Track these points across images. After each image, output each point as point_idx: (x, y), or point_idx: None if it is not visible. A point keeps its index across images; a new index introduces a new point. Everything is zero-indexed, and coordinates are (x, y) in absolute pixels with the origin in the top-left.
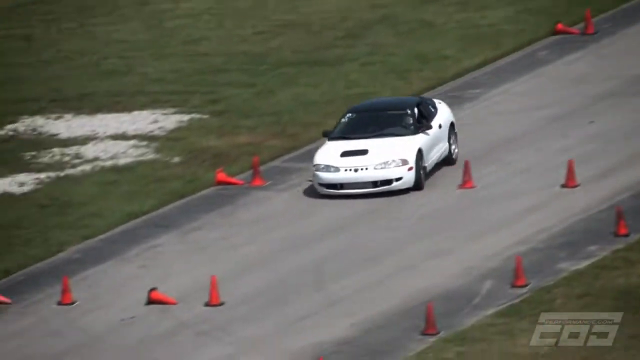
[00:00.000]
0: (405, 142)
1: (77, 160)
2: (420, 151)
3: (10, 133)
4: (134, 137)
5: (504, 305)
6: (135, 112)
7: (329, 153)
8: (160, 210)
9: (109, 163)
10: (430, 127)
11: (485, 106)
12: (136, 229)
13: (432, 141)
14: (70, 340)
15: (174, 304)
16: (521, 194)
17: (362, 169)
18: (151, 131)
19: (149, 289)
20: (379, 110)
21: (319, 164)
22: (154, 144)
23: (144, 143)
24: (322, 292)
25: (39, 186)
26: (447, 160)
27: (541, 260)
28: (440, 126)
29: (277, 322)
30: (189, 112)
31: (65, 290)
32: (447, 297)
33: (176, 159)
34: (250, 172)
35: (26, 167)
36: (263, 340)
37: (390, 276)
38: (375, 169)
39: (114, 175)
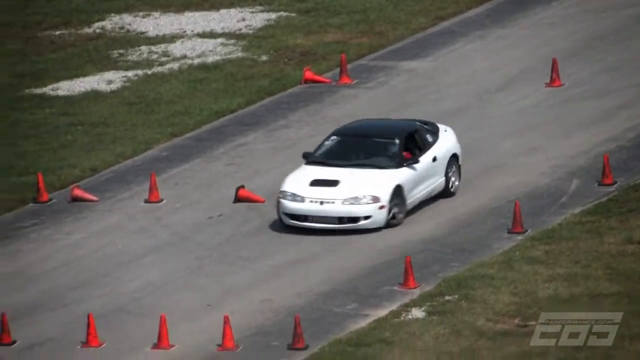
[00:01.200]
0: (383, 176)
1: (165, 58)
2: (399, 188)
3: (98, 31)
4: (221, 35)
5: (592, 204)
6: (223, 10)
7: (298, 180)
8: (248, 108)
9: (196, 61)
10: (416, 162)
11: (572, 4)
12: (224, 127)
13: (418, 176)
14: (158, 238)
15: (261, 202)
16: (609, 92)
17: (328, 202)
18: (239, 29)
19: (236, 186)
20: (365, 137)
21: (285, 192)
22: (242, 42)
23: (232, 41)
24: None
25: (127, 84)
26: (444, 193)
27: (629, 159)
28: (435, 159)
29: None
30: (277, 10)
31: (152, 189)
32: (535, 195)
33: (264, 57)
34: (337, 70)
35: (114, 65)
36: (350, 239)
37: (477, 174)
38: (343, 204)
39: (202, 73)
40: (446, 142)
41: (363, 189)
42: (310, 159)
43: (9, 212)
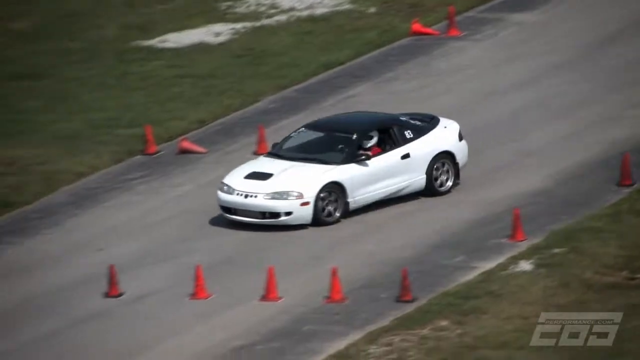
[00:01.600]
0: (318, 172)
1: (273, 11)
2: (336, 185)
3: None
4: None
5: None
6: None
7: (239, 171)
8: (356, 61)
9: (304, 13)
10: (368, 158)
11: None
12: (332, 79)
13: (371, 173)
14: None
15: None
16: None
17: (251, 196)
18: None
19: None
20: (328, 131)
21: (222, 183)
22: None
23: None
24: (518, 143)
25: (235, 36)
26: (430, 192)
27: None
28: (406, 156)
29: (472, 173)
30: None
31: (260, 141)
32: None
33: (372, 9)
34: (445, 22)
35: (222, 18)
36: (460, 190)
37: (586, 127)
38: (264, 198)
39: (310, 26)
40: (434, 139)
41: (289, 185)
42: (271, 150)
43: (117, 164)
